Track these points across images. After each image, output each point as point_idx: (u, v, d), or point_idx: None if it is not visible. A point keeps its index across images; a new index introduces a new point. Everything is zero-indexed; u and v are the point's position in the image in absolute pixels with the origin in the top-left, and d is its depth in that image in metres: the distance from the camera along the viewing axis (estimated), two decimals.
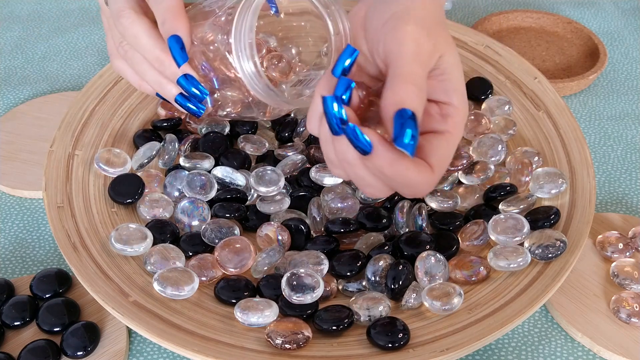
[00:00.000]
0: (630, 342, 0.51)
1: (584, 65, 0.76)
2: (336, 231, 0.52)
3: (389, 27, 0.44)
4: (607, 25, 0.85)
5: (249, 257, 0.51)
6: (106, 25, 0.54)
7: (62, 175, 0.56)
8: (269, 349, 0.46)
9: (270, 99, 0.49)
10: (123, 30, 0.50)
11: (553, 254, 0.50)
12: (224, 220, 0.53)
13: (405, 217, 0.54)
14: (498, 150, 0.57)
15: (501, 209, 0.54)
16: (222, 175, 0.56)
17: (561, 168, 0.57)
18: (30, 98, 0.74)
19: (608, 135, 0.70)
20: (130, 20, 0.50)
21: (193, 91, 0.50)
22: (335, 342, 0.47)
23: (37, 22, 0.85)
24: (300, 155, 0.58)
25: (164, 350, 0.52)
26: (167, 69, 0.50)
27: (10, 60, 0.79)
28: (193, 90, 0.50)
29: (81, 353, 0.49)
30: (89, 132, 0.60)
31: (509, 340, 0.52)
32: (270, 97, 0.49)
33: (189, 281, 0.48)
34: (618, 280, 0.54)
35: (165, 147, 0.58)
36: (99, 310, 0.52)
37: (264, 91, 0.48)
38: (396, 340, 0.46)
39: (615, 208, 0.62)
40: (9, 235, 0.60)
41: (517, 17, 0.82)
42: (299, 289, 0.47)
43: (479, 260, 0.51)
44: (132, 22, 0.50)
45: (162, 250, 0.51)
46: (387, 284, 0.49)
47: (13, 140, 0.67)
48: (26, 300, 0.52)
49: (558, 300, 0.53)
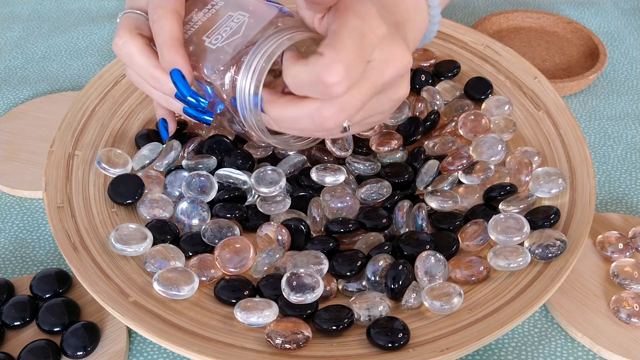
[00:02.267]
0: (630, 342, 0.51)
1: (584, 65, 0.76)
2: (336, 231, 0.52)
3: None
4: (607, 25, 0.85)
5: (248, 257, 0.51)
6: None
7: (62, 175, 0.56)
8: (269, 349, 0.46)
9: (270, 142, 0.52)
10: (118, 50, 0.51)
11: (553, 253, 0.50)
12: (224, 221, 0.53)
13: (405, 217, 0.54)
14: (498, 150, 0.57)
15: (501, 209, 0.54)
16: (225, 175, 0.56)
17: (561, 168, 0.57)
18: (30, 98, 0.74)
19: (608, 135, 0.70)
20: (123, 40, 0.51)
21: (197, 114, 0.51)
22: (335, 342, 0.47)
23: (37, 22, 0.85)
24: (300, 156, 0.58)
25: (164, 350, 0.52)
26: (163, 85, 0.51)
27: (10, 60, 0.79)
28: (198, 114, 0.51)
29: (81, 353, 0.49)
30: (89, 132, 0.60)
31: (509, 340, 0.52)
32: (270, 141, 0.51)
33: (189, 281, 0.48)
34: (618, 280, 0.54)
35: (166, 152, 0.58)
36: (99, 310, 0.52)
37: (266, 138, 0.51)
38: (396, 340, 0.46)
39: (615, 208, 0.62)
40: (9, 235, 0.60)
41: (517, 17, 0.82)
42: (299, 289, 0.47)
43: (479, 260, 0.51)
44: (124, 43, 0.51)
45: (162, 250, 0.51)
46: (387, 284, 0.49)
47: (13, 140, 0.67)
48: (26, 300, 0.52)
49: (558, 300, 0.53)
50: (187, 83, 0.49)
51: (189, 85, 0.49)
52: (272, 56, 0.48)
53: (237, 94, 0.49)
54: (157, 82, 0.51)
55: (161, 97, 0.53)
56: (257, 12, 0.52)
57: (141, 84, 0.54)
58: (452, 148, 0.58)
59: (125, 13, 0.53)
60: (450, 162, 0.57)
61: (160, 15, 0.50)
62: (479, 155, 0.58)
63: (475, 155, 0.58)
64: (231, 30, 0.51)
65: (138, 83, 0.54)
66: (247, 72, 0.48)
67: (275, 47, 0.48)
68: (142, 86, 0.54)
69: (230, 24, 0.51)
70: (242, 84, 0.49)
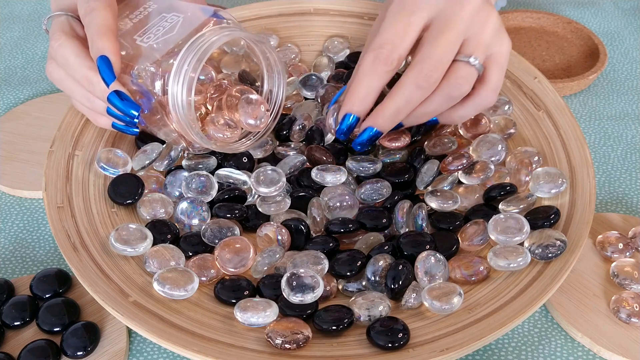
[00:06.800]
0: (630, 342, 0.51)
1: (584, 65, 0.76)
2: (336, 231, 0.52)
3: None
4: (607, 25, 0.85)
5: (248, 257, 0.51)
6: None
7: (62, 175, 0.56)
8: (269, 349, 0.46)
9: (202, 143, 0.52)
10: (53, 52, 0.52)
11: (553, 253, 0.50)
12: (224, 221, 0.53)
13: (405, 217, 0.54)
14: (498, 150, 0.57)
15: (501, 209, 0.54)
16: (225, 175, 0.56)
17: (561, 168, 0.57)
18: (30, 98, 0.74)
19: (608, 135, 0.70)
20: (59, 42, 0.51)
21: (123, 107, 0.50)
22: (335, 342, 0.47)
23: (37, 22, 0.85)
24: (300, 156, 0.58)
25: (164, 350, 0.52)
26: (95, 87, 0.51)
27: (10, 60, 0.79)
28: (123, 107, 0.50)
29: (81, 353, 0.49)
30: (89, 132, 0.60)
31: (509, 340, 0.52)
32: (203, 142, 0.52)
33: (189, 281, 0.48)
34: (618, 280, 0.54)
35: (166, 152, 0.58)
36: (99, 310, 0.52)
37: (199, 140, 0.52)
38: (396, 340, 0.46)
39: (615, 208, 0.62)
40: (9, 235, 0.60)
41: (517, 17, 0.82)
42: (299, 289, 0.47)
43: (479, 260, 0.51)
44: (60, 44, 0.51)
45: (162, 250, 0.51)
46: (387, 284, 0.49)
47: (13, 140, 0.67)
48: (26, 300, 0.52)
49: (558, 300, 0.53)
50: (112, 71, 0.49)
51: (115, 75, 0.49)
52: (206, 53, 0.49)
53: (170, 93, 0.49)
54: (90, 85, 0.51)
55: (84, 97, 0.53)
56: (191, 14, 0.53)
57: (63, 83, 0.53)
58: (452, 148, 0.58)
59: (55, 15, 0.54)
60: (450, 162, 0.57)
61: (94, 7, 0.50)
62: (479, 155, 0.58)
63: (475, 155, 0.58)
64: (164, 29, 0.52)
65: (59, 81, 0.54)
66: (179, 73, 0.49)
67: (208, 46, 0.49)
68: (64, 84, 0.54)
69: (164, 24, 0.52)
70: (173, 87, 0.49)
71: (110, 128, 0.55)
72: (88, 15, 0.50)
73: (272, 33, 0.70)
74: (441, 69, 0.51)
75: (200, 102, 0.56)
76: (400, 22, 0.51)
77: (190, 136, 0.51)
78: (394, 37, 0.51)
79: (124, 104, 0.50)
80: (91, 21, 0.50)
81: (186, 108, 0.50)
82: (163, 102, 0.50)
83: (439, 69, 0.51)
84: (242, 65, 0.63)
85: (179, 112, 0.50)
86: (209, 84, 0.58)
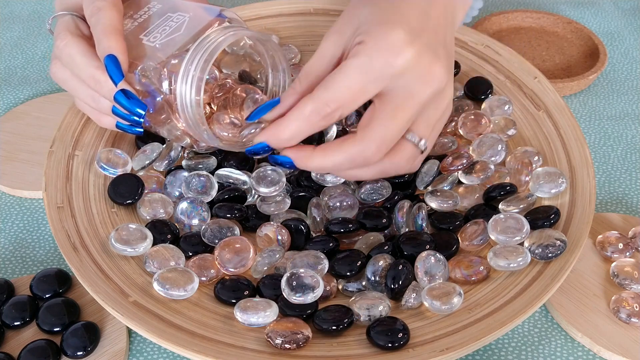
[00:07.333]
0: (630, 342, 0.51)
1: (584, 65, 0.76)
2: (336, 231, 0.52)
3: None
4: (607, 25, 0.85)
5: (248, 257, 0.51)
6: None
7: (62, 175, 0.56)
8: (269, 349, 0.46)
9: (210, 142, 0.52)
10: (59, 52, 0.51)
11: (553, 253, 0.50)
12: (223, 221, 0.53)
13: (405, 217, 0.54)
14: (498, 150, 0.57)
15: (501, 209, 0.54)
16: (225, 175, 0.56)
17: (561, 168, 0.57)
18: (30, 98, 0.74)
19: (608, 135, 0.70)
20: (65, 42, 0.51)
21: (130, 106, 0.50)
22: (335, 342, 0.47)
23: (37, 22, 0.85)
24: None
25: (164, 350, 0.52)
26: (102, 86, 0.50)
27: (10, 60, 0.79)
28: (130, 105, 0.50)
29: (81, 353, 0.49)
30: (89, 132, 0.60)
31: (509, 340, 0.52)
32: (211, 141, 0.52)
33: (189, 281, 0.48)
34: (618, 280, 0.54)
35: (166, 152, 0.58)
36: (99, 310, 0.52)
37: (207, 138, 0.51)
38: (396, 340, 0.46)
39: (615, 208, 0.62)
40: (9, 235, 0.60)
41: (517, 17, 0.82)
42: (299, 289, 0.47)
43: (479, 260, 0.51)
44: (66, 44, 0.51)
45: (162, 250, 0.51)
46: (387, 284, 0.49)
47: (13, 140, 0.67)
48: (26, 300, 0.52)
49: (558, 300, 0.53)
50: (120, 70, 0.49)
51: (123, 74, 0.49)
52: (213, 53, 0.49)
53: (178, 93, 0.49)
54: (97, 84, 0.50)
55: (89, 96, 0.53)
56: (197, 14, 0.53)
57: (67, 83, 0.53)
58: (452, 148, 0.58)
59: (60, 15, 0.53)
60: (450, 162, 0.57)
61: (100, 7, 0.50)
62: (479, 155, 0.58)
63: (475, 155, 0.58)
64: (170, 29, 0.51)
65: (64, 81, 0.53)
66: (188, 73, 0.49)
67: (216, 46, 0.49)
68: (69, 84, 0.53)
69: (170, 24, 0.52)
70: (181, 87, 0.49)
71: (113, 128, 0.55)
72: (95, 15, 0.50)
73: (272, 33, 0.70)
74: (386, 150, 0.48)
75: (205, 101, 0.56)
76: (357, 84, 0.46)
77: (197, 135, 0.51)
78: (345, 99, 0.47)
79: (130, 103, 0.50)
80: (98, 21, 0.50)
81: (195, 107, 0.49)
82: (170, 100, 0.50)
83: (383, 151, 0.48)
84: (242, 65, 0.63)
85: (187, 112, 0.49)
86: (214, 83, 0.58)
